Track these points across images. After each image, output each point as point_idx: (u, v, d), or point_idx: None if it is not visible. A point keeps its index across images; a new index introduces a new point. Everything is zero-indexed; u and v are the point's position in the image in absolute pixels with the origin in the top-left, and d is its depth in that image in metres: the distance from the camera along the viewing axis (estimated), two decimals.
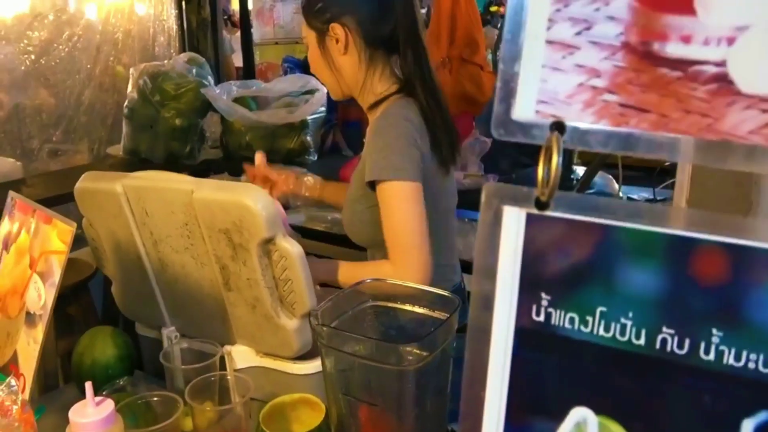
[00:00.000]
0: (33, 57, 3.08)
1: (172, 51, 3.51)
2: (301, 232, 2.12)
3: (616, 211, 0.41)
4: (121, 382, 1.38)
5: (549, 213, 0.44)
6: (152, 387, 1.38)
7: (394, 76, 1.57)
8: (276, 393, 1.26)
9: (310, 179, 1.89)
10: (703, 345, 0.41)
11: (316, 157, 2.95)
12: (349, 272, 1.50)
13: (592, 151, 0.42)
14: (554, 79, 0.43)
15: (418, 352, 0.83)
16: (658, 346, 0.42)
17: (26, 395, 1.11)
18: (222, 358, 1.35)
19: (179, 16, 3.52)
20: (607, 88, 0.42)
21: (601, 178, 2.32)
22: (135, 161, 2.96)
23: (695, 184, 0.46)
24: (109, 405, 1.08)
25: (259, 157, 1.82)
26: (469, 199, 2.50)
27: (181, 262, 1.42)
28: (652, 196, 2.23)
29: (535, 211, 0.44)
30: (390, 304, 0.98)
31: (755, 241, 0.38)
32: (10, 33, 3.03)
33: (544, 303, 0.45)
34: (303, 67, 3.79)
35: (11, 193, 1.29)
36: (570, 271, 0.44)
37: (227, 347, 1.41)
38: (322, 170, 2.85)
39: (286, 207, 1.79)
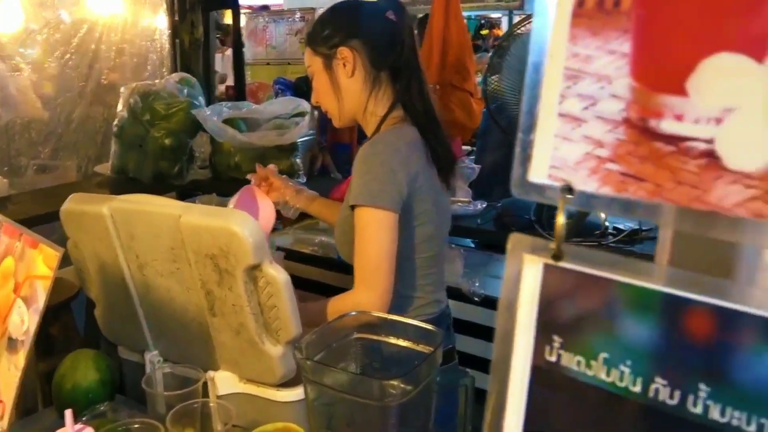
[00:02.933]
0: (25, 74, 3.07)
1: (164, 70, 3.51)
2: (287, 255, 2.12)
3: (619, 267, 0.46)
4: (102, 408, 1.37)
5: (562, 264, 0.49)
6: (133, 412, 1.37)
7: (393, 99, 1.61)
8: (259, 420, 1.25)
9: (304, 191, 1.96)
10: (691, 398, 0.44)
11: (305, 180, 2.95)
12: (322, 310, 1.53)
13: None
14: (564, 147, 0.49)
15: (402, 386, 0.83)
16: (651, 394, 0.46)
17: (5, 423, 1.10)
18: (205, 384, 1.34)
19: (172, 36, 3.52)
20: (609, 158, 0.47)
21: None
22: (123, 180, 2.95)
23: (677, 246, 0.49)
24: None
25: (271, 167, 1.93)
26: (454, 225, 2.51)
27: (166, 286, 1.42)
28: (637, 226, 2.25)
29: (551, 261, 0.49)
30: (374, 337, 0.98)
31: (740, 305, 0.41)
32: (2, 50, 3.03)
33: (556, 344, 0.50)
34: (294, 88, 3.81)
35: None
36: (579, 318, 0.49)
37: (210, 373, 1.40)
38: None
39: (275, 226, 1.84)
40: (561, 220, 0.47)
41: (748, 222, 0.41)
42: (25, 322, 1.11)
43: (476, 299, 2.12)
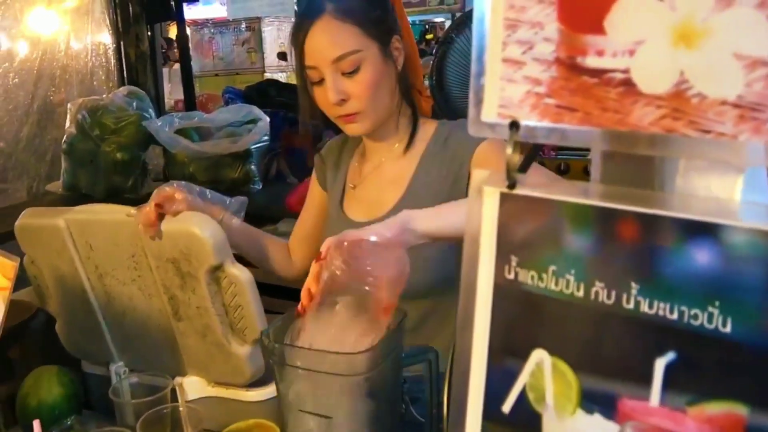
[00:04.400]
0: None
1: (110, 85, 3.47)
2: (239, 258, 1.99)
3: (561, 189, 0.54)
4: (69, 422, 1.35)
5: (516, 192, 0.55)
6: (102, 425, 1.35)
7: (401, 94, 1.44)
8: (230, 422, 1.25)
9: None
10: (624, 296, 0.50)
11: (260, 186, 2.96)
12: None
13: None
14: (509, 88, 0.56)
15: (369, 360, 0.86)
16: (592, 297, 0.52)
17: None
18: (173, 391, 1.33)
19: (117, 50, 3.49)
20: (546, 93, 0.54)
21: None
22: (75, 197, 2.91)
23: (606, 166, 0.56)
24: None
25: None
26: None
27: (128, 295, 1.41)
28: None
29: (506, 190, 0.56)
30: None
31: (658, 210, 0.48)
32: None
33: (514, 263, 0.56)
34: (244, 97, 3.80)
35: None
36: (531, 238, 0.56)
37: (178, 379, 1.39)
38: (267, 199, 2.85)
39: None
40: (509, 151, 0.54)
41: (662, 137, 0.48)
42: None
43: None
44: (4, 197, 3.10)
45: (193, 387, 1.41)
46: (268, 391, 1.41)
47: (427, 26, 11.03)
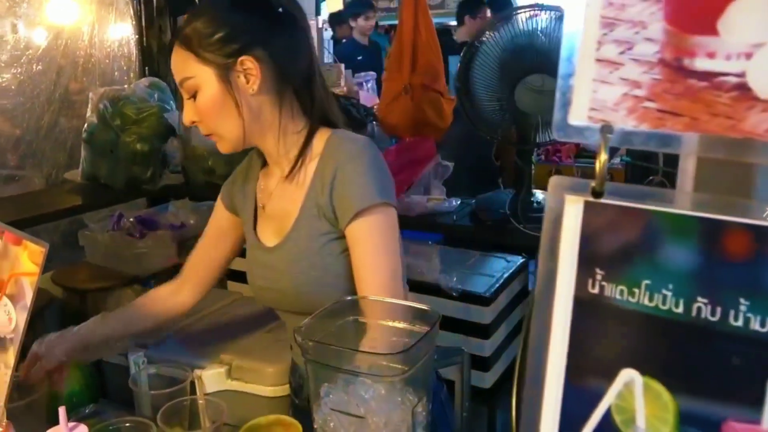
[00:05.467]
0: None
1: (132, 75, 3.48)
2: None
3: (658, 198, 0.50)
4: (87, 410, 1.36)
5: (603, 200, 0.52)
6: (119, 414, 1.35)
7: (303, 114, 1.36)
8: (248, 417, 1.24)
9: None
10: (732, 313, 0.48)
11: None
12: None
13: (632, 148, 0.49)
14: (603, 90, 0.53)
15: (400, 366, 0.85)
16: (694, 313, 0.50)
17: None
18: (192, 383, 1.33)
19: (139, 42, 3.49)
20: (646, 96, 0.51)
21: None
22: (94, 186, 2.92)
23: (700, 175, 0.53)
24: (82, 431, 1.06)
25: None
26: (430, 222, 2.52)
27: None
28: None
29: (591, 198, 0.53)
30: (372, 320, 0.99)
31: None
32: None
33: (599, 277, 0.53)
34: None
35: None
36: (620, 250, 0.52)
37: (197, 371, 1.39)
38: None
39: None
40: (603, 157, 0.51)
41: None
42: (13, 319, 1.09)
43: (455, 294, 2.15)
44: (22, 184, 3.11)
45: (211, 380, 1.41)
46: (285, 388, 1.40)
47: (444, 29, 10.99)
